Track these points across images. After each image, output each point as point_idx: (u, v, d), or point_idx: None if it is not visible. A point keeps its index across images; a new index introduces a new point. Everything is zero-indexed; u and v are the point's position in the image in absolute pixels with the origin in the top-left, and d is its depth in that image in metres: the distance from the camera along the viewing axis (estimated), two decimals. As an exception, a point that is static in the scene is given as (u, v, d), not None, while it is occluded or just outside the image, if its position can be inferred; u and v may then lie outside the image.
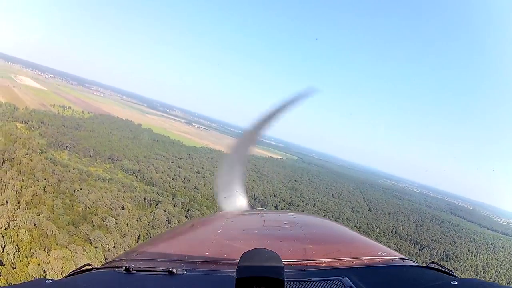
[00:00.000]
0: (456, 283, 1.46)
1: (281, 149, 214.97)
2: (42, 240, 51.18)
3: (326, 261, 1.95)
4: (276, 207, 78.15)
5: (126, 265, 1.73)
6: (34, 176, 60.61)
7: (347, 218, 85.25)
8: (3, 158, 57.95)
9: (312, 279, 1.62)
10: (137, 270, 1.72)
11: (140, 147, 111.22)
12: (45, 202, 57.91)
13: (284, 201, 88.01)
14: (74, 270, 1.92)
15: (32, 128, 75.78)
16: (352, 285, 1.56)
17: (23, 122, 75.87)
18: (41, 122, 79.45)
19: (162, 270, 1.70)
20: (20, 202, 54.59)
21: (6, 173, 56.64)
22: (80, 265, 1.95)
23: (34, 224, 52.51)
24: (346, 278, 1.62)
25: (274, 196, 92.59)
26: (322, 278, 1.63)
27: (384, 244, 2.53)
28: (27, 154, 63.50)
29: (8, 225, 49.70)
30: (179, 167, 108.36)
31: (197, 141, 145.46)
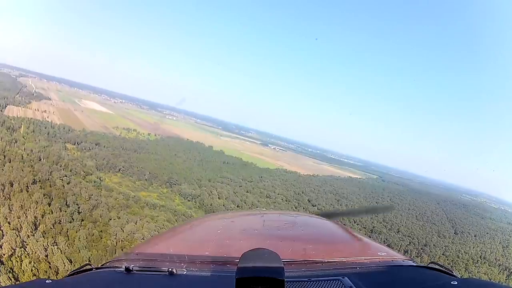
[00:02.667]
0: (456, 283, 1.45)
1: (360, 168, 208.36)
2: (49, 275, 40.80)
3: (326, 261, 1.91)
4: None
5: (126, 265, 1.70)
6: (65, 200, 52.65)
7: (434, 245, 78.58)
8: (34, 179, 51.47)
9: (312, 279, 1.61)
10: (137, 270, 1.69)
11: (206, 170, 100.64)
12: (67, 231, 48.37)
13: (365, 228, 78.48)
14: (74, 270, 1.83)
15: (83, 150, 72.97)
16: (352, 285, 1.54)
17: (75, 144, 73.82)
18: (96, 144, 76.60)
19: (162, 270, 1.68)
20: (38, 229, 46.19)
21: (33, 195, 49.42)
22: (81, 265, 1.90)
23: (46, 256, 43.25)
24: (346, 278, 1.61)
25: (354, 223, 73.98)
26: (322, 278, 1.62)
27: (474, 276, 2.47)
28: (65, 176, 56.77)
29: (13, 252, 41.15)
30: (247, 192, 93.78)
31: (272, 162, 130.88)
